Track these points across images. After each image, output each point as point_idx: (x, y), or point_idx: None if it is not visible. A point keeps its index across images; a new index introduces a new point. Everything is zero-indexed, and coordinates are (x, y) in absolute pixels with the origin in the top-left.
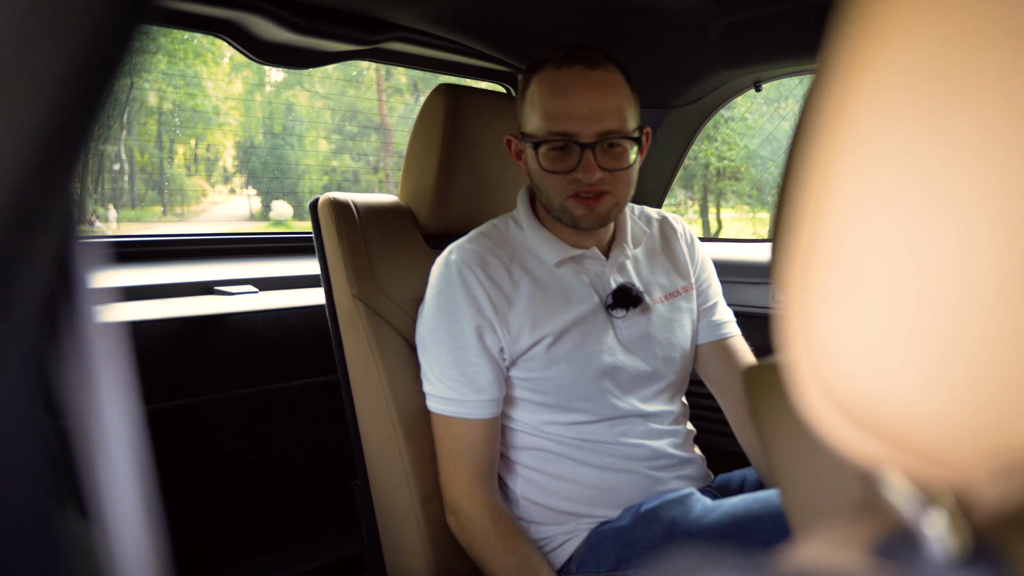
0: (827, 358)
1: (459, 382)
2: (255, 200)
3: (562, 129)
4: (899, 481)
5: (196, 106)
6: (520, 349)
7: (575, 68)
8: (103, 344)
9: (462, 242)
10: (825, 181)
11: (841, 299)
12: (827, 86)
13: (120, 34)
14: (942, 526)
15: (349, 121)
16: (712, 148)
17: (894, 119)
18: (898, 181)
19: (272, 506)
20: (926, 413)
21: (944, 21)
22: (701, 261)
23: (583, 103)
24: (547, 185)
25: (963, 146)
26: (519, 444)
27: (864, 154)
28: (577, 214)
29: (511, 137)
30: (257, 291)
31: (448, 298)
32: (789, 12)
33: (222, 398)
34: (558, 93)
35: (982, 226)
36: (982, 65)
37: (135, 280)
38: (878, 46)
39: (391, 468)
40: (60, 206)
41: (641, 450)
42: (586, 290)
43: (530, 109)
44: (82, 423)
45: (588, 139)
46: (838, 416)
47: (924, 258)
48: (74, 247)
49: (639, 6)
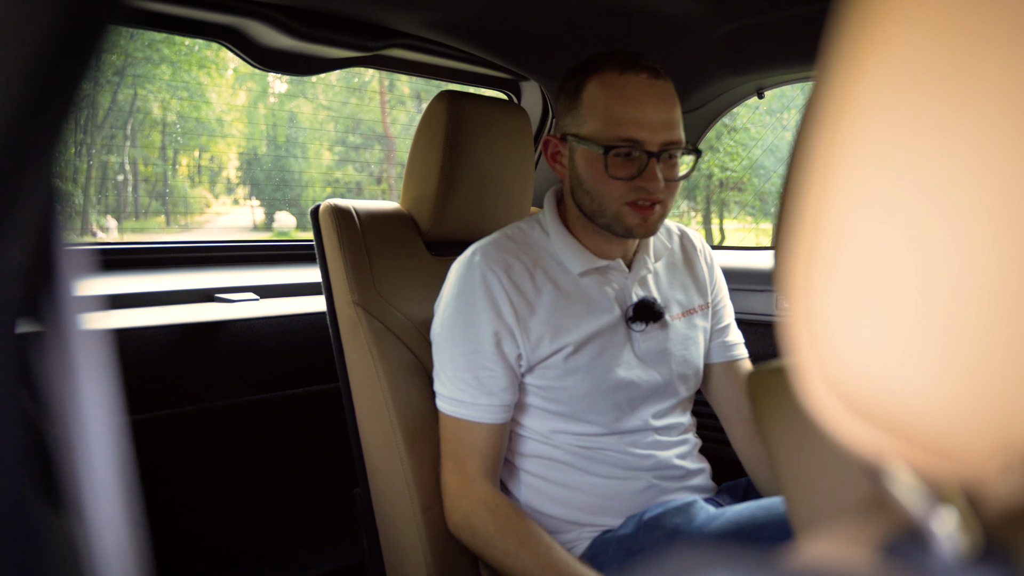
0: (833, 353)
1: (471, 385)
2: (258, 211)
3: (631, 136)
4: (907, 477)
5: (200, 117)
6: (539, 356)
7: (641, 75)
8: (88, 350)
9: (486, 244)
10: (827, 178)
11: (846, 294)
12: (827, 89)
13: (87, 34)
14: (951, 523)
15: (352, 132)
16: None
17: (895, 117)
18: (900, 176)
19: (272, 514)
20: (934, 407)
21: (942, 22)
22: (718, 282)
23: (652, 112)
24: (604, 191)
25: (963, 141)
26: (525, 451)
27: (866, 149)
28: (632, 222)
29: (550, 138)
30: (258, 299)
31: (468, 300)
32: (791, 18)
33: (223, 405)
34: (627, 99)
35: (987, 218)
36: (981, 65)
37: (136, 287)
38: (877, 48)
39: (392, 476)
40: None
41: (648, 460)
42: (609, 302)
43: (589, 112)
44: (64, 426)
45: (654, 148)
46: (845, 411)
47: (928, 251)
48: (57, 252)
49: (642, 13)
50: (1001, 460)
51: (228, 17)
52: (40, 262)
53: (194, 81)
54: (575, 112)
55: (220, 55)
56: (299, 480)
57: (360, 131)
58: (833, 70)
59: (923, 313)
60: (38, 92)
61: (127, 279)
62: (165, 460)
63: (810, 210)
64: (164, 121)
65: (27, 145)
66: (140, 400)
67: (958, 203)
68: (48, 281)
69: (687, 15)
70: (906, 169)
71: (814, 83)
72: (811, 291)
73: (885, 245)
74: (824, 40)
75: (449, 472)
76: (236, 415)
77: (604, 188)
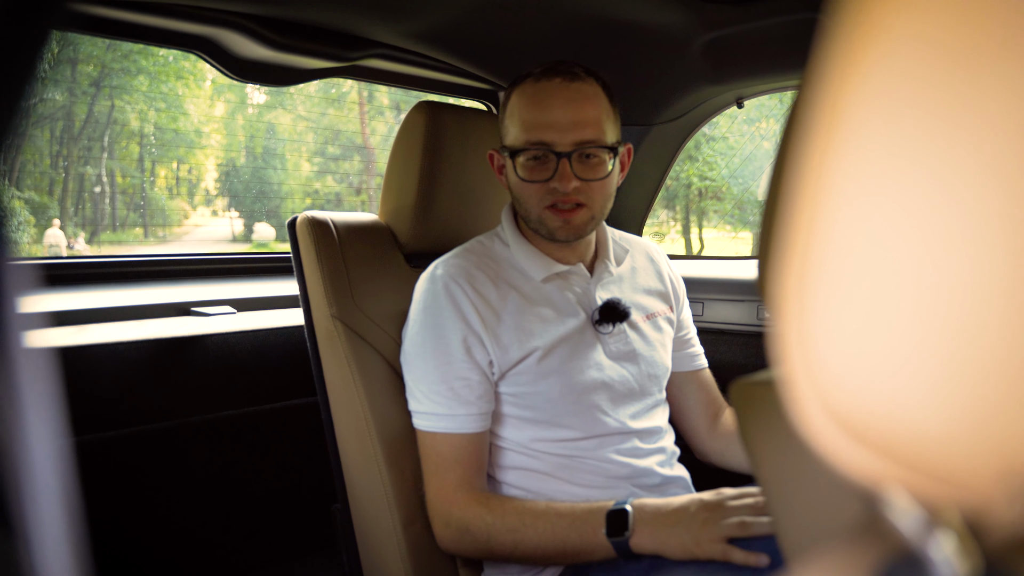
0: (826, 371)
1: (447, 396)
2: (237, 222)
3: (539, 138)
4: (903, 501)
5: (178, 128)
6: (510, 361)
7: (554, 80)
8: (32, 368)
9: (447, 258)
10: (820, 187)
11: (840, 309)
12: (819, 94)
13: (27, 36)
14: (950, 549)
15: (331, 143)
16: (694, 168)
17: (889, 123)
18: (895, 186)
19: (250, 531)
20: (933, 428)
21: (938, 25)
22: (681, 295)
23: (560, 113)
24: (525, 195)
25: (961, 149)
26: (505, 463)
27: (860, 157)
28: (553, 225)
29: (494, 152)
30: (235, 312)
31: (434, 312)
32: (771, 28)
33: (199, 421)
34: (536, 104)
35: (986, 232)
36: (978, 68)
37: (109, 302)
38: (870, 52)
39: (372, 491)
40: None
41: (626, 468)
42: (573, 306)
43: (510, 121)
44: (8, 445)
45: (565, 148)
46: (838, 432)
47: (927, 265)
48: (2, 268)
49: (621, 23)
50: (1006, 485)
51: (203, 27)
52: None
53: (172, 92)
54: (503, 124)
55: (198, 66)
56: (277, 496)
57: (339, 142)
58: (825, 75)
59: (921, 329)
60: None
61: (100, 293)
62: (140, 478)
63: (802, 221)
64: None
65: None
66: (114, 416)
67: (957, 214)
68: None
69: (667, 25)
70: (902, 179)
71: (803, 89)
72: (803, 306)
73: (881, 258)
74: (805, 51)
75: (433, 490)
76: (213, 430)
77: (524, 193)
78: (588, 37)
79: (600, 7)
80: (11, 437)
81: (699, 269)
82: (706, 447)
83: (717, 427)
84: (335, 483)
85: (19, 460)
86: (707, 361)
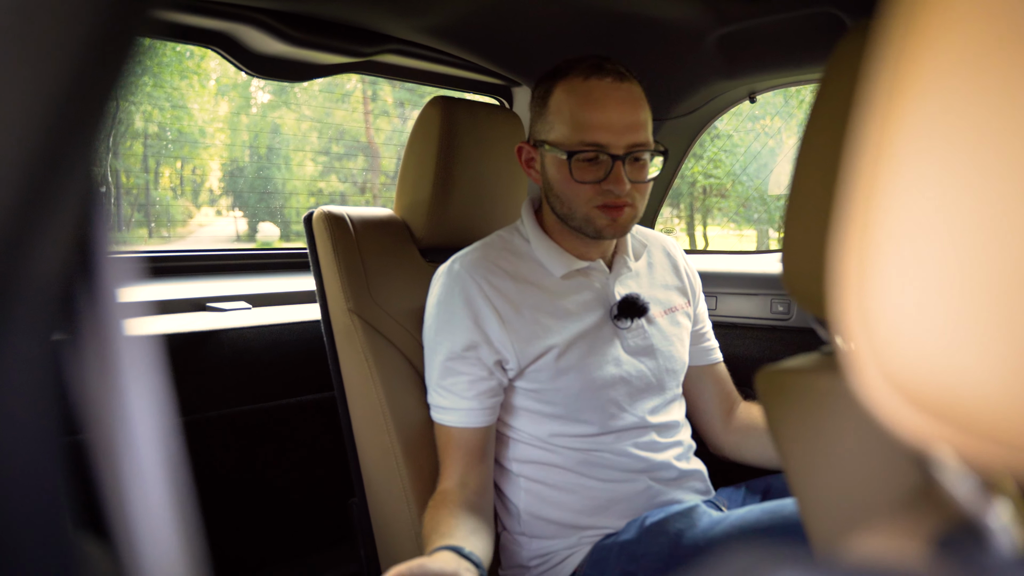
0: (887, 340)
1: (448, 390)
2: (241, 222)
3: (595, 140)
4: (961, 469)
5: (182, 128)
6: (529, 358)
7: (605, 80)
8: (131, 352)
9: (467, 252)
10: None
11: (899, 281)
12: (875, 85)
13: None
14: (1007, 517)
15: (336, 141)
16: (699, 166)
17: (947, 109)
18: (953, 166)
19: (267, 526)
20: (991, 393)
21: (992, 15)
22: (698, 290)
23: (616, 115)
24: (573, 194)
25: (1017, 131)
26: (523, 457)
27: (919, 139)
28: (601, 224)
29: (523, 145)
30: (250, 307)
31: (447, 308)
32: (784, 23)
33: (215, 416)
34: (591, 104)
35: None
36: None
37: (124, 297)
38: (926, 43)
39: (389, 485)
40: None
41: (644, 463)
42: (592, 302)
43: (556, 118)
44: (105, 437)
45: (619, 151)
46: (899, 399)
47: (988, 231)
48: (96, 259)
49: (635, 17)
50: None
51: (219, 22)
52: (78, 269)
53: (176, 91)
54: (544, 118)
55: (202, 65)
56: (295, 491)
57: (343, 141)
58: (881, 66)
59: (979, 297)
60: (75, 99)
61: None
62: None
63: (861, 201)
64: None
65: (63, 151)
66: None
67: (1013, 190)
68: (87, 288)
69: (681, 19)
70: (959, 158)
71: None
72: (864, 280)
73: (939, 231)
74: (817, 46)
75: (441, 481)
76: (229, 425)
77: (572, 192)
78: (602, 31)
79: (615, 1)
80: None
81: (712, 263)
82: (720, 440)
83: (732, 420)
84: (352, 477)
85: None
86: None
